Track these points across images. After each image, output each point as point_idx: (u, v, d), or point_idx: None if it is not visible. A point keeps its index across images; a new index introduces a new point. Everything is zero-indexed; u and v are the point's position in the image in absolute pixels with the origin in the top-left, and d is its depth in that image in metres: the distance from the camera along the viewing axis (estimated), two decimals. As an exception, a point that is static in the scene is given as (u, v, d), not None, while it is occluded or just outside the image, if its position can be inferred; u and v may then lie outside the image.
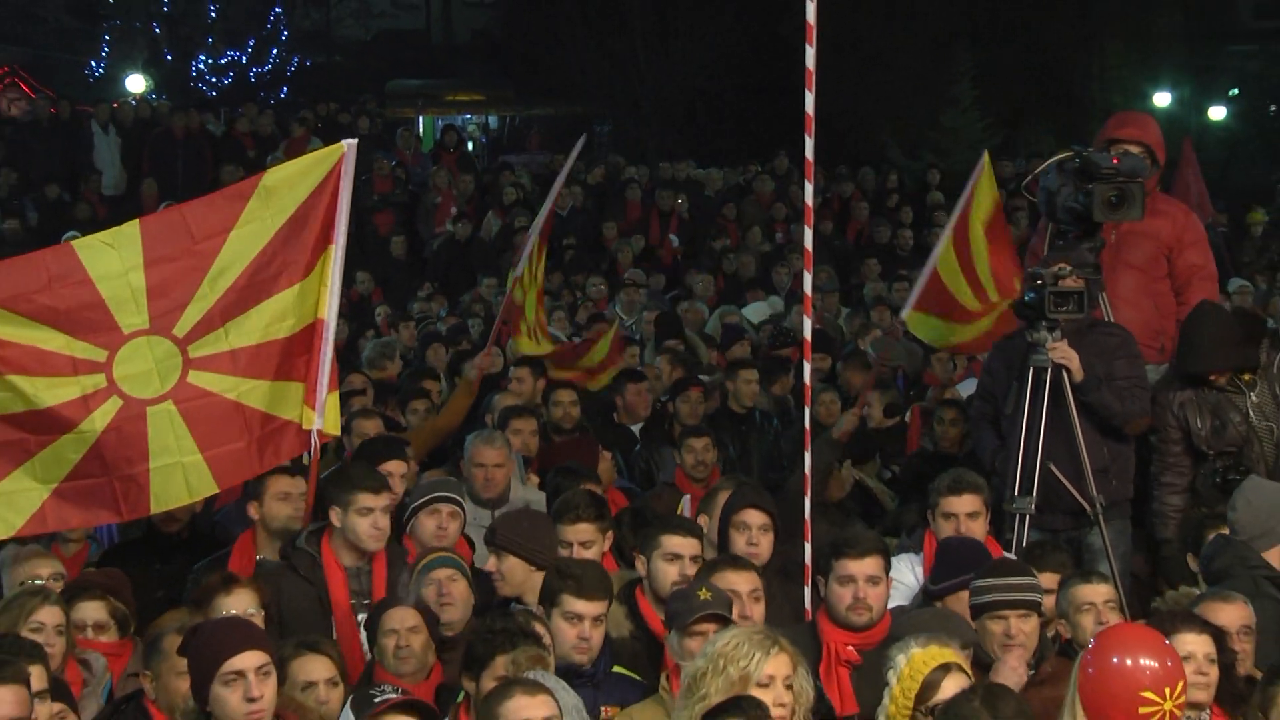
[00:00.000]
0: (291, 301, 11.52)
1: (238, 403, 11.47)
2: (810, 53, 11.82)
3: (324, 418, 11.76)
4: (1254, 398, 12.92)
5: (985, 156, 13.48)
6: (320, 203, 11.62)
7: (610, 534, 11.88)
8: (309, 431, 11.74)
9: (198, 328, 11.33)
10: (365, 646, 10.78)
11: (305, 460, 12.12)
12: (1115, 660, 8.21)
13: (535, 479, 14.81)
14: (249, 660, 8.48)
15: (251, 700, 8.42)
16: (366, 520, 11.26)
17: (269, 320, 11.50)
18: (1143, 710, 8.14)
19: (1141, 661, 8.19)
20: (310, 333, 11.64)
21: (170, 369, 11.24)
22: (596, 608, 10.01)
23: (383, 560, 11.47)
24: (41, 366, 10.98)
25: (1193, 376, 13.10)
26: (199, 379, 11.37)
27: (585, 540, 11.46)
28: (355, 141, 12.02)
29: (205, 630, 8.88)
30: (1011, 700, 8.10)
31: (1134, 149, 13.49)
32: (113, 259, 11.19)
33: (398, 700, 8.44)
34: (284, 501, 11.88)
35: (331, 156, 11.77)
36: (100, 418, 11.08)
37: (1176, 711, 8.15)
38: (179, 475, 11.29)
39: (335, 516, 11.35)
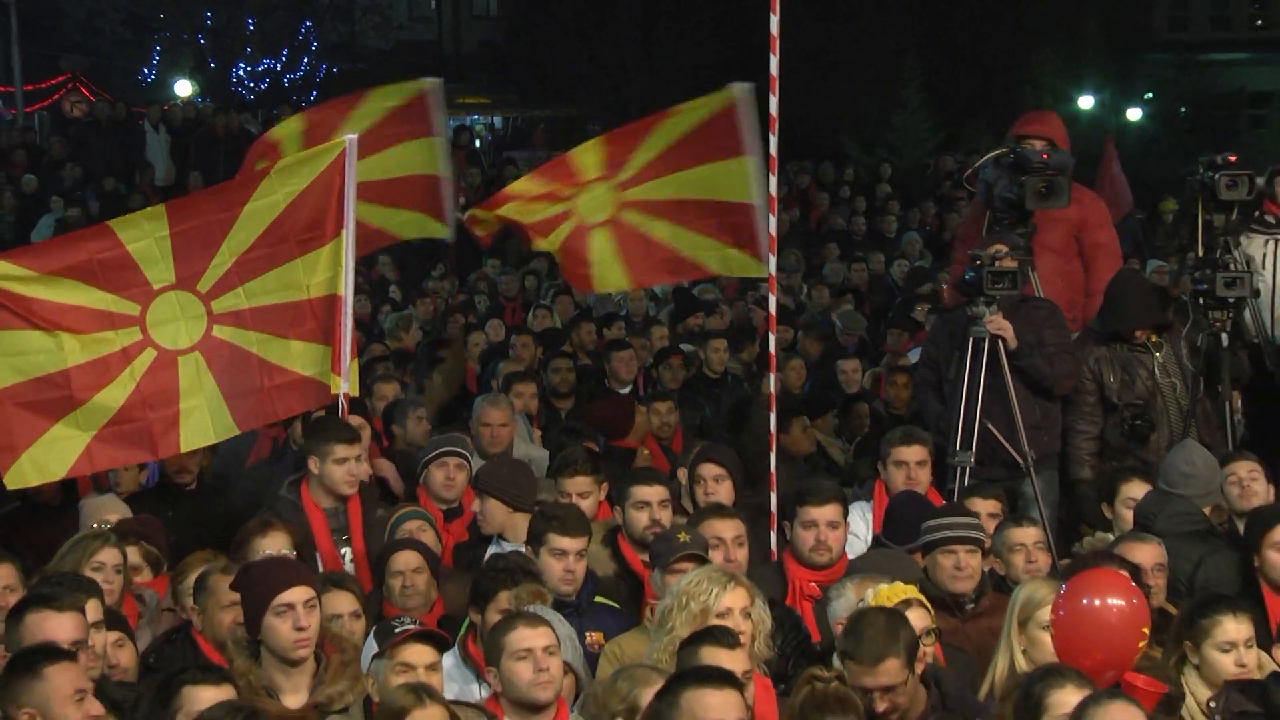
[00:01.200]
0: (301, 270, 11.67)
1: (255, 355, 11.64)
2: (774, 61, 11.88)
3: (348, 382, 11.78)
4: (1159, 357, 13.04)
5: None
6: (326, 189, 11.75)
7: (605, 485, 11.87)
8: (328, 390, 11.79)
9: (218, 285, 11.54)
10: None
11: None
12: (1111, 603, 8.25)
13: (539, 435, 14.87)
14: (298, 594, 8.53)
15: (300, 629, 8.47)
16: (342, 468, 11.36)
17: (280, 285, 11.67)
18: (1140, 645, 8.23)
19: (1133, 603, 8.25)
20: (330, 305, 11.71)
21: (196, 322, 11.48)
22: (579, 543, 10.06)
23: (357, 501, 11.56)
24: (84, 323, 11.20)
25: (1112, 334, 13.21)
26: (221, 332, 11.58)
27: (583, 491, 11.52)
28: (355, 136, 12.07)
29: (257, 568, 9.01)
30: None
31: (1038, 143, 13.56)
32: (142, 227, 11.45)
33: (415, 630, 8.46)
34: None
35: (335, 149, 11.89)
36: (139, 367, 11.32)
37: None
38: (205, 418, 11.52)
39: (314, 465, 11.45)
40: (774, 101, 12.03)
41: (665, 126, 12.90)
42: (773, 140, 12.23)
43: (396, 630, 8.43)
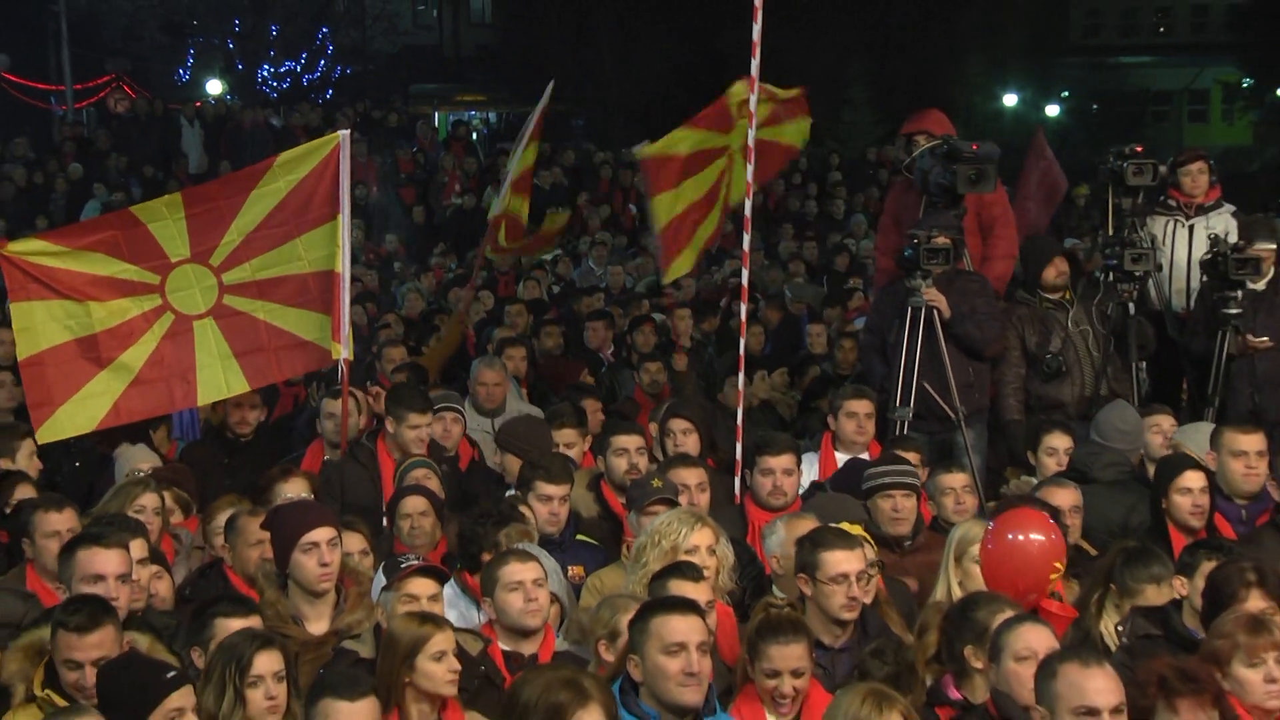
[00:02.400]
0: (300, 247, 11.77)
1: (262, 320, 11.80)
2: (754, 64, 11.90)
3: (347, 348, 11.85)
4: (1072, 314, 13.18)
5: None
6: (322, 177, 11.83)
7: (589, 437, 12.05)
8: (327, 354, 11.95)
9: (229, 260, 11.70)
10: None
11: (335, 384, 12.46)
12: (1033, 537, 8.32)
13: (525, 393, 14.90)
14: (322, 534, 8.60)
15: (324, 565, 8.56)
16: (414, 433, 11.61)
17: (282, 259, 11.79)
18: (1052, 577, 8.33)
19: (1052, 538, 8.34)
20: (328, 279, 11.78)
21: (209, 291, 11.65)
22: (562, 490, 10.23)
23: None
24: (109, 292, 11.41)
25: (1030, 285, 13.50)
26: (232, 301, 11.74)
27: (569, 442, 11.76)
28: (348, 132, 12.26)
29: (286, 510, 9.06)
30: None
31: (920, 139, 13.60)
32: (160, 209, 11.66)
33: (418, 566, 8.42)
34: (329, 419, 12.14)
35: (330, 143, 11.98)
36: (158, 329, 11.52)
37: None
38: (219, 375, 11.71)
39: (390, 425, 11.73)
40: (753, 99, 12.14)
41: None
42: (750, 132, 12.35)
43: (402, 566, 8.41)
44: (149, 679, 6.84)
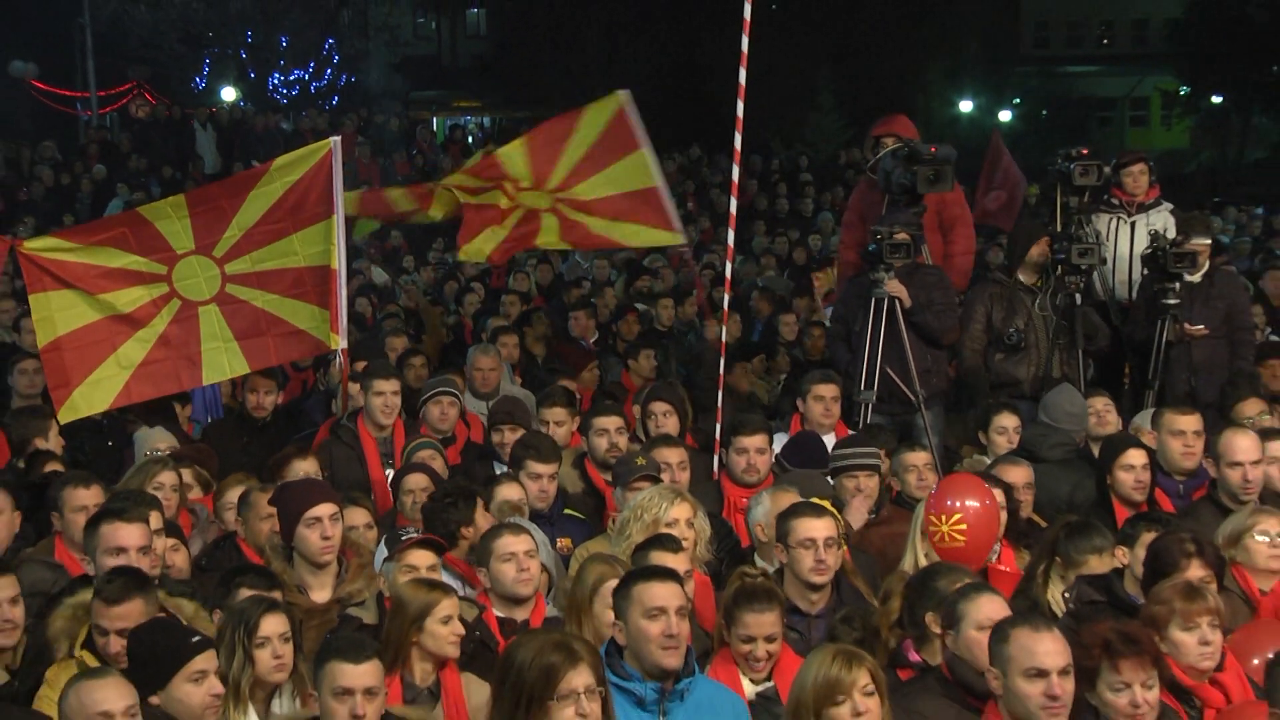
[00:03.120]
0: (295, 243, 11.86)
1: (261, 308, 11.88)
2: (743, 73, 11.96)
3: (344, 339, 12.03)
4: (1039, 299, 13.16)
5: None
6: (315, 179, 11.92)
7: (577, 417, 12.06)
8: (321, 343, 12.12)
9: (230, 252, 11.79)
10: (390, 493, 10.89)
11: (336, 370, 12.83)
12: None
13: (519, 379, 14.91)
14: (325, 509, 8.63)
15: (326, 538, 8.59)
16: (380, 400, 11.74)
17: (278, 254, 11.87)
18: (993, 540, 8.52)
19: (986, 503, 8.57)
20: (323, 274, 11.91)
21: (212, 281, 11.74)
22: (551, 468, 10.27)
23: (400, 430, 11.83)
24: (121, 282, 11.50)
25: (1014, 264, 13.61)
26: (233, 290, 11.84)
27: (559, 420, 11.81)
28: (339, 139, 12.35)
29: (291, 487, 9.15)
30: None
31: (889, 141, 13.62)
32: (166, 209, 11.77)
33: (418, 539, 8.45)
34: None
35: (323, 148, 12.08)
36: (166, 315, 11.63)
37: (954, 533, 8.46)
38: (222, 357, 11.82)
39: (361, 397, 11.94)
40: (740, 105, 12.19)
41: (575, 139, 13.07)
42: (738, 137, 12.41)
43: (403, 538, 8.45)
44: (176, 642, 6.87)
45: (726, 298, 12.92)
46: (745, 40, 11.76)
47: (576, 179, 12.84)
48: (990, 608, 6.68)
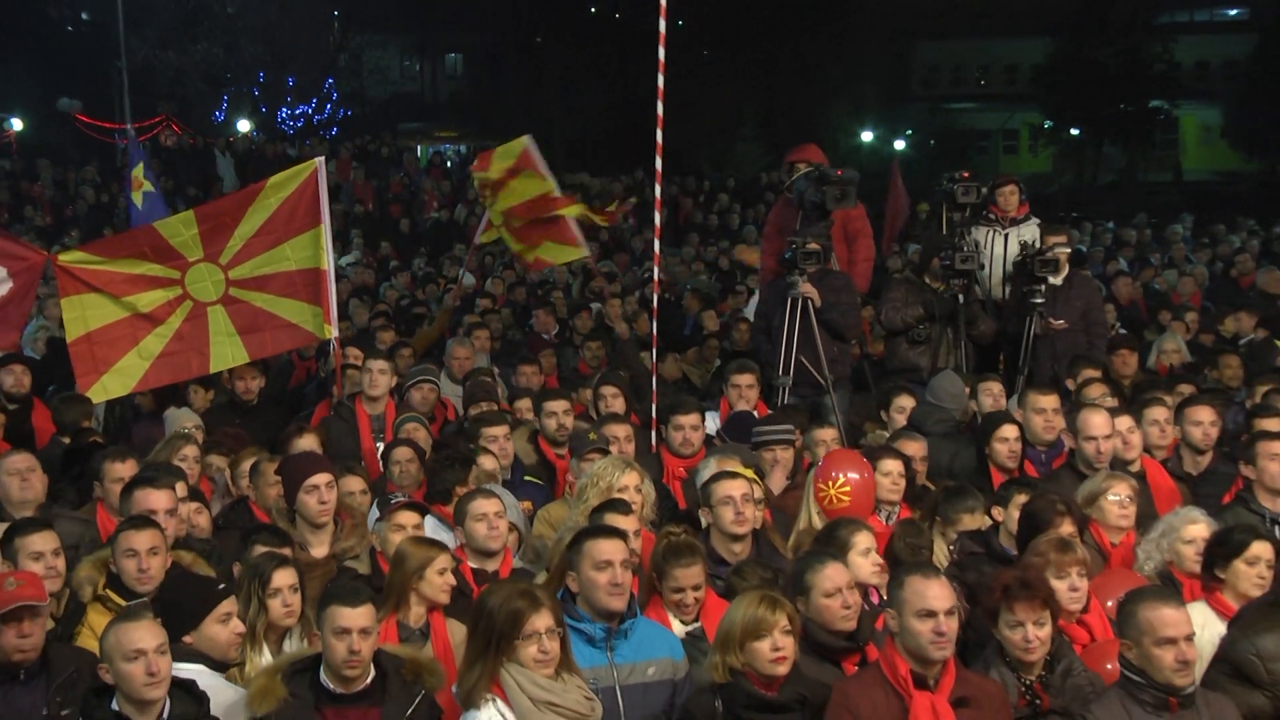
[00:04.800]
0: (287, 251, 11.90)
1: (260, 307, 11.95)
2: (660, 105, 11.87)
3: (337, 330, 12.16)
4: (940, 297, 13.26)
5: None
6: (303, 195, 11.96)
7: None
8: (312, 335, 12.24)
9: (233, 259, 11.84)
10: (380, 462, 10.96)
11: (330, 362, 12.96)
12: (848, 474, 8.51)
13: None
14: (321, 478, 8.64)
15: (323, 503, 8.59)
16: (368, 377, 11.82)
17: (273, 260, 11.93)
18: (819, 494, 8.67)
19: (865, 475, 8.65)
20: (314, 275, 11.96)
21: (219, 284, 11.80)
22: (502, 430, 10.59)
23: (391, 408, 11.82)
24: (142, 286, 11.60)
25: (921, 269, 13.78)
26: (236, 292, 11.89)
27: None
28: (323, 158, 12.43)
29: (292, 459, 9.17)
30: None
31: (801, 166, 13.56)
32: (177, 225, 11.77)
33: (404, 502, 8.49)
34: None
35: (309, 168, 12.12)
36: (180, 314, 11.71)
37: (840, 496, 8.57)
38: (226, 349, 11.89)
39: (354, 375, 12.11)
40: (659, 134, 12.04)
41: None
42: (658, 160, 12.19)
43: (392, 502, 8.47)
44: (206, 589, 6.89)
45: (655, 298, 12.89)
46: (661, 79, 11.72)
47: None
48: (833, 576, 6.66)
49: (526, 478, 10.41)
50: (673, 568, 7.13)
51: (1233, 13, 65.53)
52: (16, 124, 47.70)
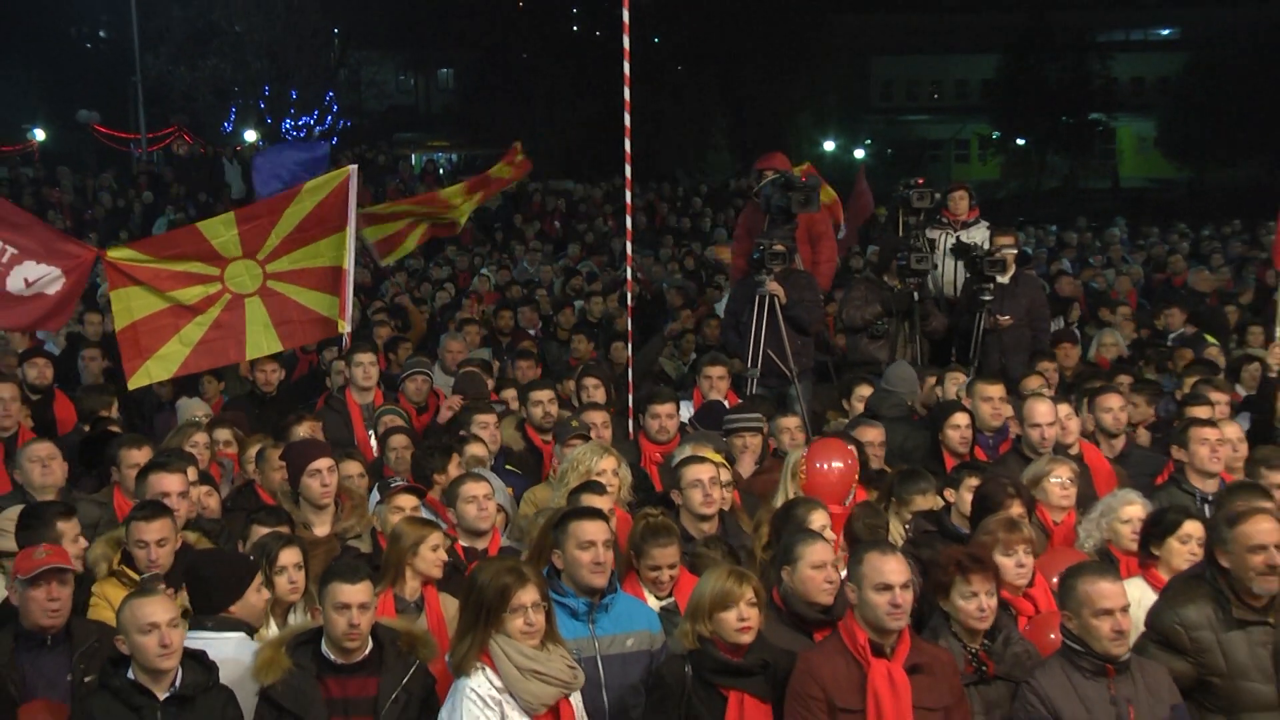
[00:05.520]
0: (321, 247, 11.87)
1: (293, 300, 11.90)
2: (627, 117, 11.90)
3: (350, 324, 12.15)
4: (898, 294, 13.21)
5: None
6: (336, 199, 11.90)
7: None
8: (335, 326, 12.10)
9: (270, 256, 11.77)
10: (374, 447, 10.99)
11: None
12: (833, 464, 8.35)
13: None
14: (323, 463, 8.61)
15: (324, 486, 8.56)
16: (360, 370, 11.80)
17: (306, 256, 11.89)
18: (849, 490, 8.38)
19: (849, 462, 8.42)
20: (338, 273, 11.89)
21: (256, 278, 11.72)
22: (491, 418, 10.55)
23: (380, 399, 11.82)
24: (184, 282, 11.52)
25: (880, 269, 13.67)
26: (273, 284, 11.82)
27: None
28: (355, 166, 12.35)
29: (296, 445, 9.15)
30: None
31: (769, 173, 13.55)
32: (219, 226, 11.72)
33: (404, 486, 8.47)
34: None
35: (342, 174, 12.09)
36: (219, 306, 11.63)
37: (821, 480, 8.36)
38: (261, 338, 11.82)
39: (346, 369, 12.02)
40: (628, 143, 12.04)
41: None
42: (628, 169, 12.23)
43: (391, 485, 8.46)
44: (243, 563, 6.99)
45: (630, 295, 12.85)
46: (627, 91, 11.77)
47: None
48: (822, 551, 6.67)
49: (508, 467, 10.35)
50: (650, 547, 7.13)
51: (1165, 33, 66.06)
52: (39, 134, 47.81)
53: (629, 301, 12.79)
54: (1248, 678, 6.40)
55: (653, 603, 7.04)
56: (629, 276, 12.92)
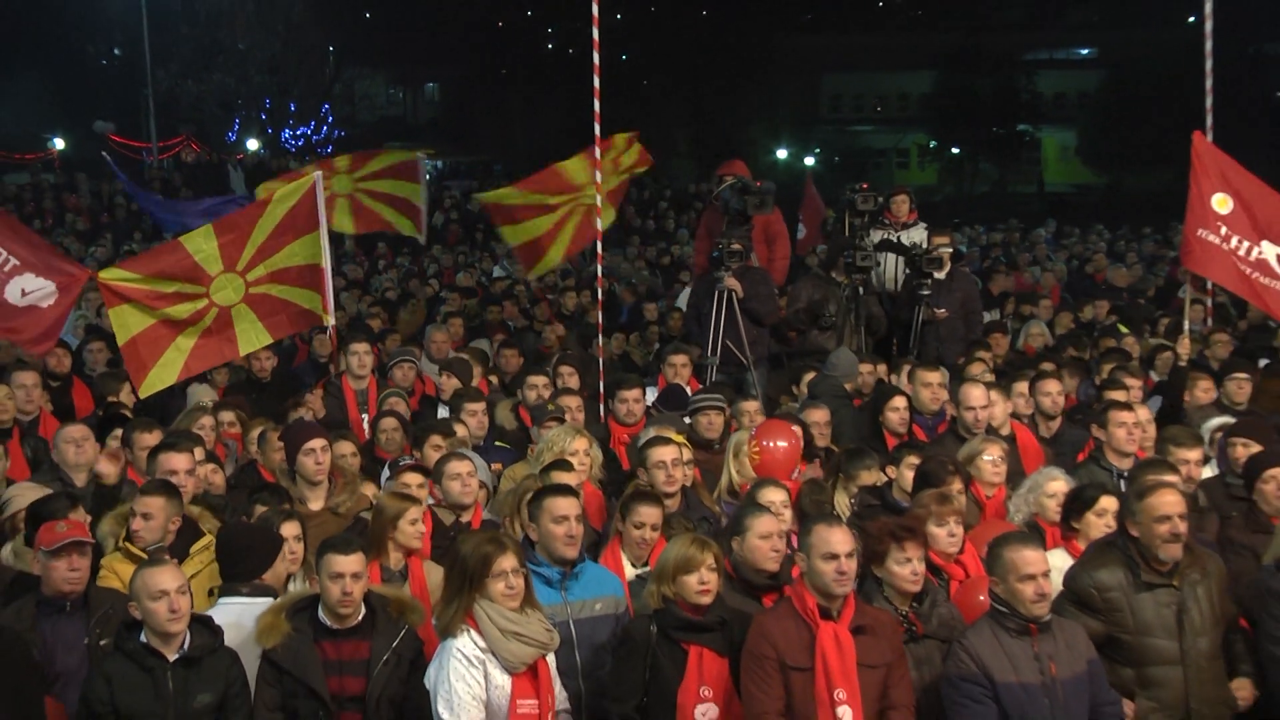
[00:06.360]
0: (296, 248, 11.66)
1: (277, 296, 11.65)
2: (597, 126, 11.91)
3: (333, 317, 11.95)
4: (845, 291, 13.17)
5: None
6: (304, 203, 11.72)
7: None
8: (319, 318, 11.92)
9: (249, 263, 11.50)
10: (367, 429, 10.96)
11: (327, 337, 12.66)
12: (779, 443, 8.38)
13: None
14: (317, 443, 8.56)
15: (318, 464, 8.51)
16: (355, 359, 11.69)
17: (286, 257, 11.64)
18: (796, 465, 8.57)
19: (793, 441, 8.54)
20: (316, 270, 11.74)
21: (239, 289, 11.45)
22: (480, 405, 10.39)
23: (374, 385, 11.73)
24: (173, 301, 11.24)
25: (828, 265, 13.55)
26: (255, 290, 11.56)
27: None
28: (320, 172, 12.05)
29: (293, 427, 9.13)
30: None
31: (728, 178, 13.55)
32: (199, 239, 11.42)
33: (411, 464, 8.54)
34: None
35: (308, 181, 11.85)
36: (208, 318, 11.36)
37: (759, 455, 8.51)
38: (251, 334, 11.56)
39: (342, 359, 11.85)
40: (597, 151, 12.15)
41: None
42: (598, 175, 12.28)
43: (401, 465, 8.56)
44: (272, 535, 7.01)
45: (600, 290, 12.88)
46: (597, 103, 11.77)
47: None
48: (769, 523, 6.71)
49: (498, 443, 10.34)
50: (638, 504, 7.22)
51: (1085, 53, 66.45)
52: (59, 143, 47.58)
53: (599, 296, 12.78)
54: (1153, 634, 6.46)
55: (630, 570, 7.09)
56: (599, 273, 12.91)
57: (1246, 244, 11.90)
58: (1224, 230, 11.93)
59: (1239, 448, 8.71)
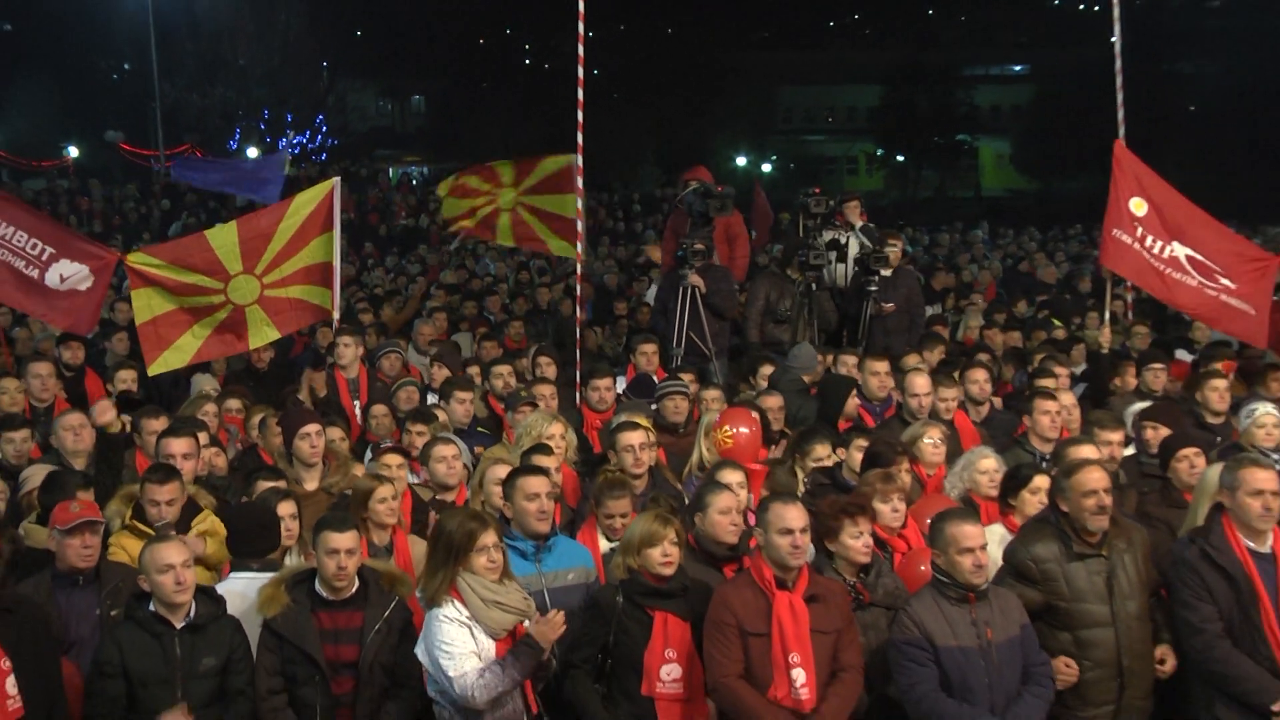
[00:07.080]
0: (310, 250, 11.62)
1: (285, 298, 11.58)
2: (579, 136, 11.89)
3: (338, 311, 11.93)
4: (800, 286, 13.06)
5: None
6: (322, 207, 11.69)
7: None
8: (327, 311, 11.88)
9: (268, 266, 11.46)
10: (358, 417, 10.85)
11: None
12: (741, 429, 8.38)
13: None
14: (312, 428, 8.45)
15: (313, 447, 8.40)
16: (339, 349, 11.54)
17: (303, 259, 11.60)
18: (758, 451, 8.46)
19: (754, 428, 8.46)
20: (327, 267, 11.69)
21: (254, 290, 11.39)
22: (469, 394, 10.28)
23: (364, 374, 11.59)
24: (191, 291, 11.21)
25: (784, 263, 13.42)
26: (270, 293, 11.50)
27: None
28: (339, 179, 12.11)
29: (290, 413, 8.96)
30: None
31: (692, 183, 13.54)
32: (223, 235, 11.41)
33: (390, 447, 8.53)
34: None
35: (328, 186, 11.86)
36: (223, 312, 11.32)
37: (726, 440, 8.37)
38: (261, 328, 11.53)
39: (335, 354, 11.72)
40: (579, 158, 12.15)
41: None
42: (579, 180, 12.31)
43: (381, 448, 8.57)
44: (275, 515, 6.99)
45: (579, 287, 12.85)
46: (580, 113, 11.78)
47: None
48: (728, 499, 6.72)
49: (479, 429, 10.31)
50: (606, 498, 7.20)
51: (1018, 69, 66.93)
52: (73, 151, 47.35)
53: (576, 291, 12.74)
54: (1086, 600, 6.49)
55: (605, 544, 7.09)
56: (579, 271, 12.87)
57: (1160, 243, 11.97)
58: (1139, 231, 11.99)
59: (1149, 430, 8.83)
